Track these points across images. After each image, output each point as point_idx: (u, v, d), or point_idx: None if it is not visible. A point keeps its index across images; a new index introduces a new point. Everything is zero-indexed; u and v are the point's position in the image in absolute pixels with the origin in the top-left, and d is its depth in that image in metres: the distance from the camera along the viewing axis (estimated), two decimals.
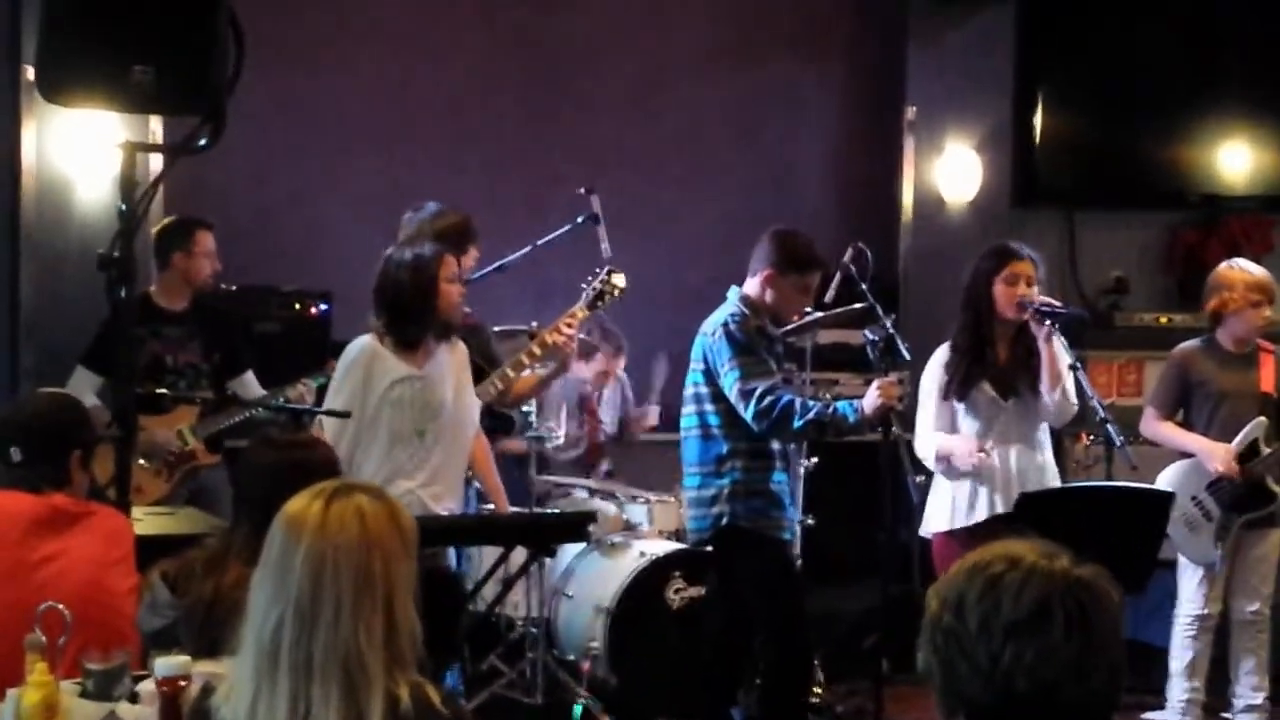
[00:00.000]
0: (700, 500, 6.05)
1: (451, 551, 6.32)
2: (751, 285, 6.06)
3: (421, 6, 8.85)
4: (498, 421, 6.74)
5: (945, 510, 6.19)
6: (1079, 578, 2.32)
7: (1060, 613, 2.28)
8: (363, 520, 2.86)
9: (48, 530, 4.33)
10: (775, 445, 6.00)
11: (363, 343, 5.89)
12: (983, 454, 6.02)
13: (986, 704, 2.31)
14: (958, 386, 6.11)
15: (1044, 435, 6.27)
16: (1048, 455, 6.28)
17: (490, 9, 8.98)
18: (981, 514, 6.08)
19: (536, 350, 6.46)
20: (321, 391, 6.35)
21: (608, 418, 8.20)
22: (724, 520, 5.96)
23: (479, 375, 6.17)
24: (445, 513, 5.86)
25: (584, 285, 6.60)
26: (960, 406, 6.15)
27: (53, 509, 4.36)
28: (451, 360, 5.93)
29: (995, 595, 2.31)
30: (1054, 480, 6.30)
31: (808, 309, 6.40)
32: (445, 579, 5.87)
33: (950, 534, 6.13)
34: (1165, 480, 6.68)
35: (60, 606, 3.83)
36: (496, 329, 7.08)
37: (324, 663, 2.78)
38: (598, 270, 6.64)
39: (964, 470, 6.09)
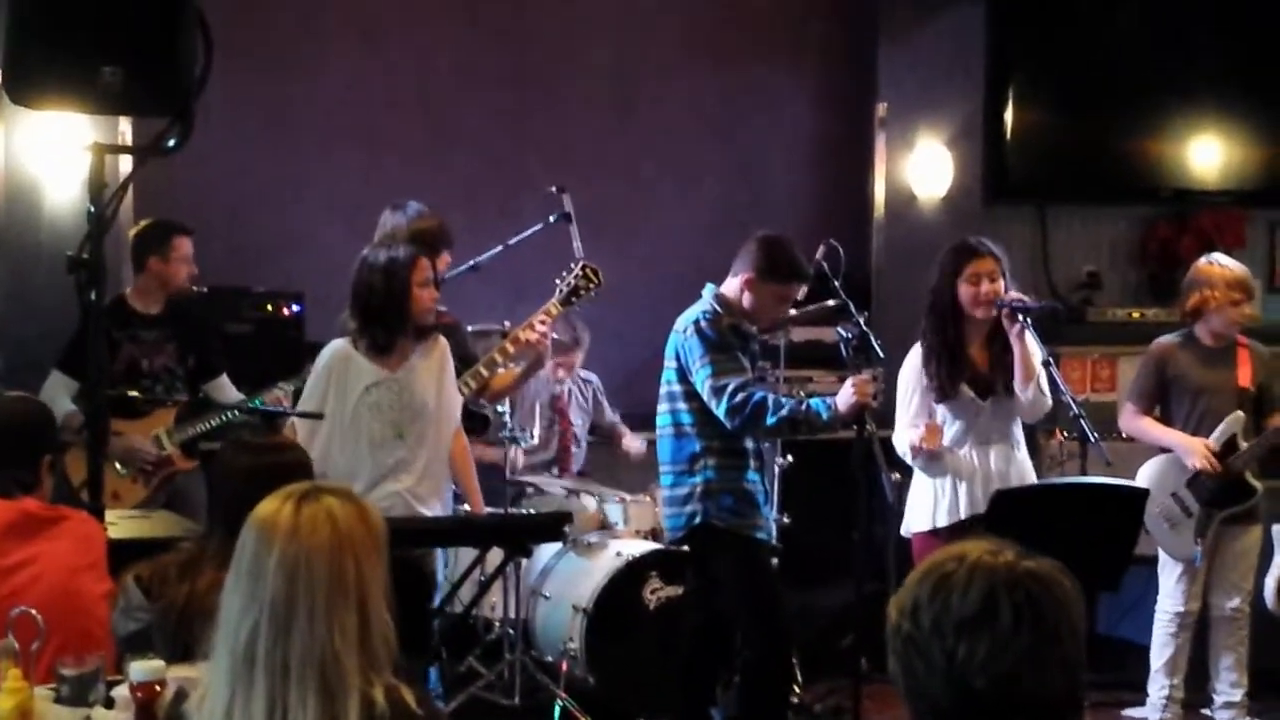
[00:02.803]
0: (674, 499, 6.05)
1: (440, 553, 6.33)
2: (730, 286, 6.05)
3: (395, 5, 8.82)
4: (473, 421, 6.72)
5: (926, 510, 6.18)
6: (1026, 569, 2.32)
7: (1008, 605, 2.27)
8: (334, 522, 2.85)
9: (20, 535, 4.31)
10: (749, 444, 6.00)
11: (335, 347, 5.89)
12: (927, 434, 6.00)
13: (949, 705, 2.30)
14: (939, 389, 6.10)
15: (1019, 433, 6.28)
16: (1024, 453, 6.28)
17: (465, 8, 8.95)
18: (962, 513, 6.07)
19: (510, 348, 6.45)
20: (297, 395, 6.34)
21: (578, 420, 8.17)
22: (698, 519, 5.95)
23: (455, 373, 6.16)
24: (430, 514, 5.86)
25: (558, 281, 6.59)
26: (941, 407, 6.14)
27: (24, 514, 4.34)
28: (431, 359, 5.94)
29: (945, 594, 2.31)
30: (1030, 478, 6.30)
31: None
32: (412, 573, 5.85)
33: (932, 533, 6.12)
34: (1144, 476, 6.69)
35: (33, 612, 3.82)
36: (470, 329, 7.06)
37: (300, 666, 2.77)
38: (572, 266, 6.63)
39: (939, 462, 6.08)
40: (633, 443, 8.08)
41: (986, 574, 2.30)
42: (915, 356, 6.22)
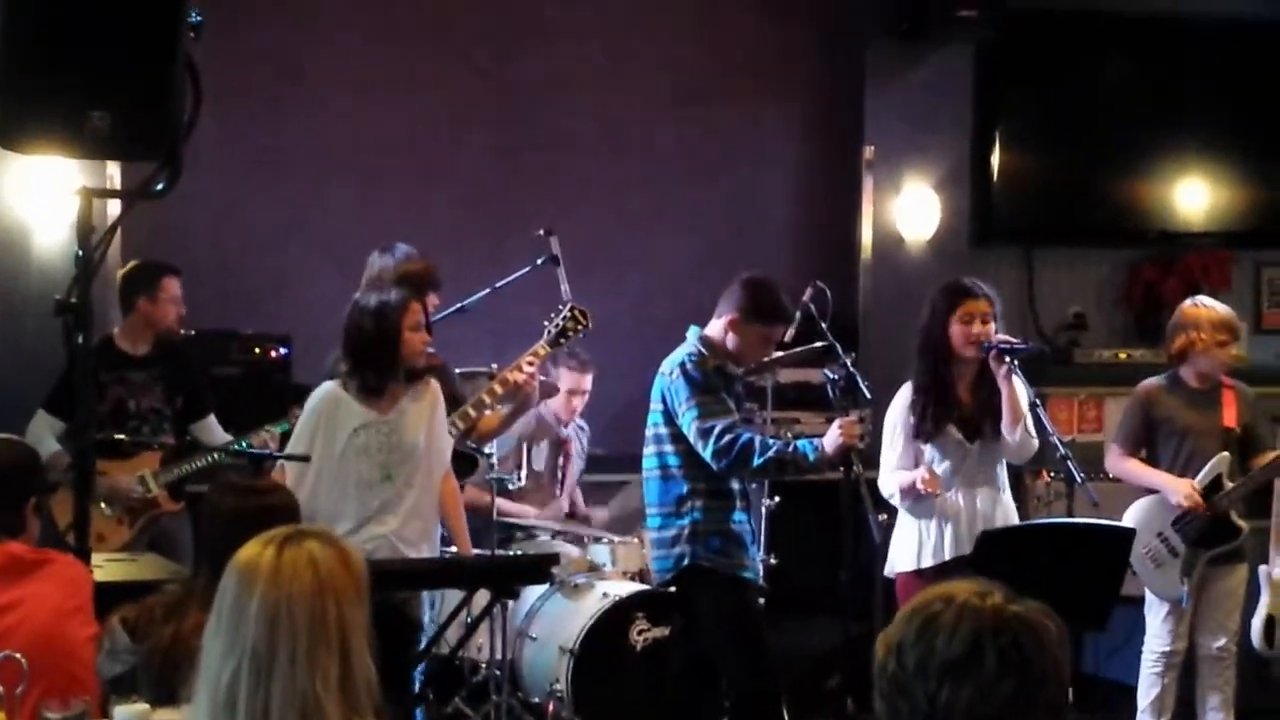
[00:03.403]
0: (662, 541, 6.05)
1: (425, 596, 6.32)
2: (714, 327, 6.06)
3: (384, 48, 8.85)
4: (460, 462, 6.73)
5: (910, 550, 6.17)
6: (1013, 614, 2.31)
7: (993, 650, 2.26)
8: (315, 567, 2.85)
9: (5, 578, 4.30)
10: (735, 485, 6.01)
11: (325, 389, 5.90)
12: (929, 479, 6.01)
13: None
14: (927, 429, 6.11)
15: (1004, 475, 6.29)
16: (1008, 495, 6.29)
17: (455, 51, 8.99)
18: (947, 554, 6.07)
19: (497, 389, 6.46)
20: (285, 437, 6.34)
21: (576, 466, 8.18)
22: (685, 560, 5.95)
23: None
24: (417, 556, 5.87)
25: (546, 323, 6.60)
26: (928, 448, 6.15)
27: (10, 557, 4.33)
28: (423, 401, 5.94)
29: (930, 636, 2.30)
30: (1014, 520, 6.31)
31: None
32: (395, 619, 5.85)
33: (917, 574, 6.12)
34: (1130, 517, 6.69)
35: (18, 656, 3.81)
36: (457, 371, 7.08)
37: (281, 711, 2.77)
38: (560, 308, 6.64)
39: (925, 502, 6.09)
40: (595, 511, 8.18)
41: (973, 617, 2.30)
42: (903, 397, 6.23)
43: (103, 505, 6.66)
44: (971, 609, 2.31)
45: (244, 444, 6.57)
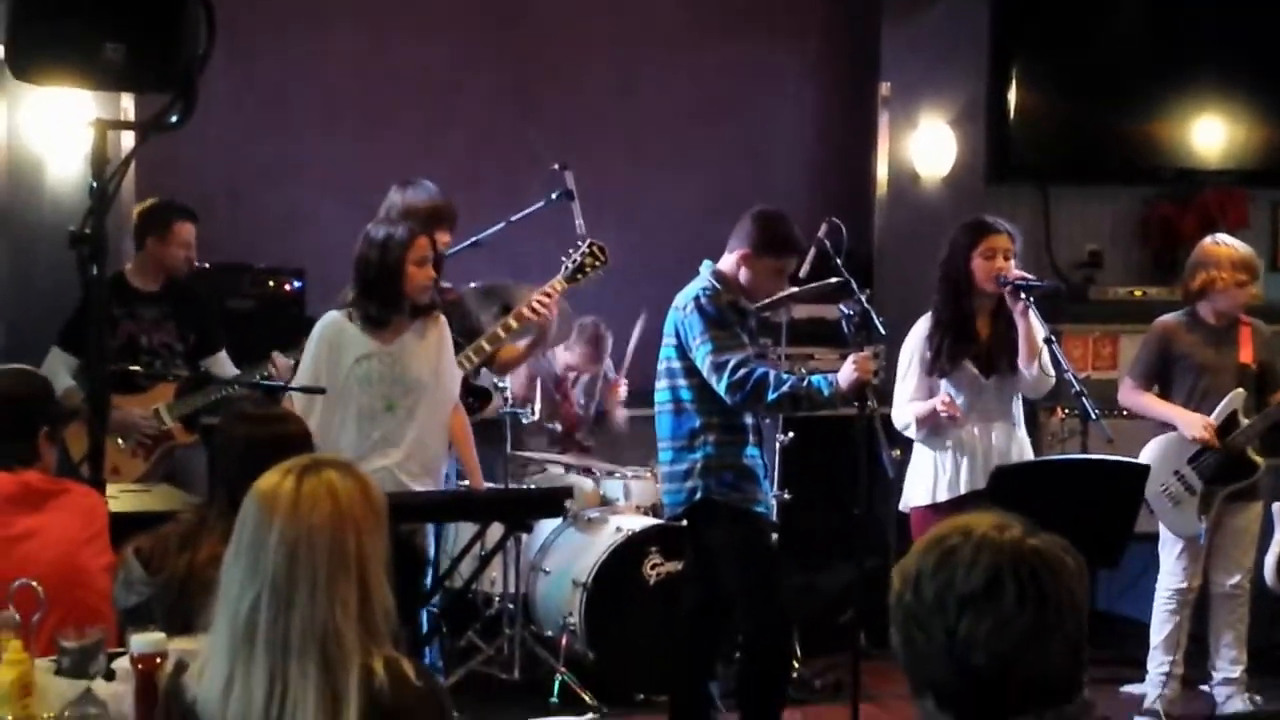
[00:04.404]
0: (674, 475, 6.05)
1: (431, 528, 6.32)
2: (726, 262, 6.05)
3: None
4: (475, 394, 6.73)
5: (926, 484, 6.20)
6: (1032, 547, 2.30)
7: (1012, 583, 2.26)
8: (335, 497, 2.86)
9: (21, 507, 4.32)
10: (748, 419, 6.00)
11: (329, 318, 5.90)
12: (949, 402, 6.02)
13: (948, 679, 2.30)
14: (944, 363, 6.11)
15: (1020, 411, 6.29)
16: (1023, 431, 6.30)
17: None
18: (962, 488, 6.09)
19: (513, 323, 6.44)
20: (295, 367, 6.35)
21: (582, 400, 8.17)
22: (697, 494, 5.95)
23: (457, 349, 6.16)
24: (421, 489, 5.87)
25: (564, 258, 6.58)
26: (944, 382, 6.15)
27: (25, 486, 4.35)
28: (430, 335, 5.92)
29: (949, 569, 2.30)
30: (1029, 455, 6.32)
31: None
32: (403, 551, 5.86)
33: (931, 508, 6.13)
34: (1147, 454, 6.68)
35: (34, 583, 3.83)
36: (474, 285, 7.06)
37: (301, 640, 2.78)
38: (579, 243, 6.62)
39: (940, 436, 6.10)
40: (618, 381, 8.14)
41: (992, 551, 2.29)
42: (920, 329, 6.24)
43: (118, 438, 6.67)
44: (990, 542, 2.31)
45: (259, 375, 6.57)
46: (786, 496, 7.39)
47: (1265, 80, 9.60)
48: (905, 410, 6.20)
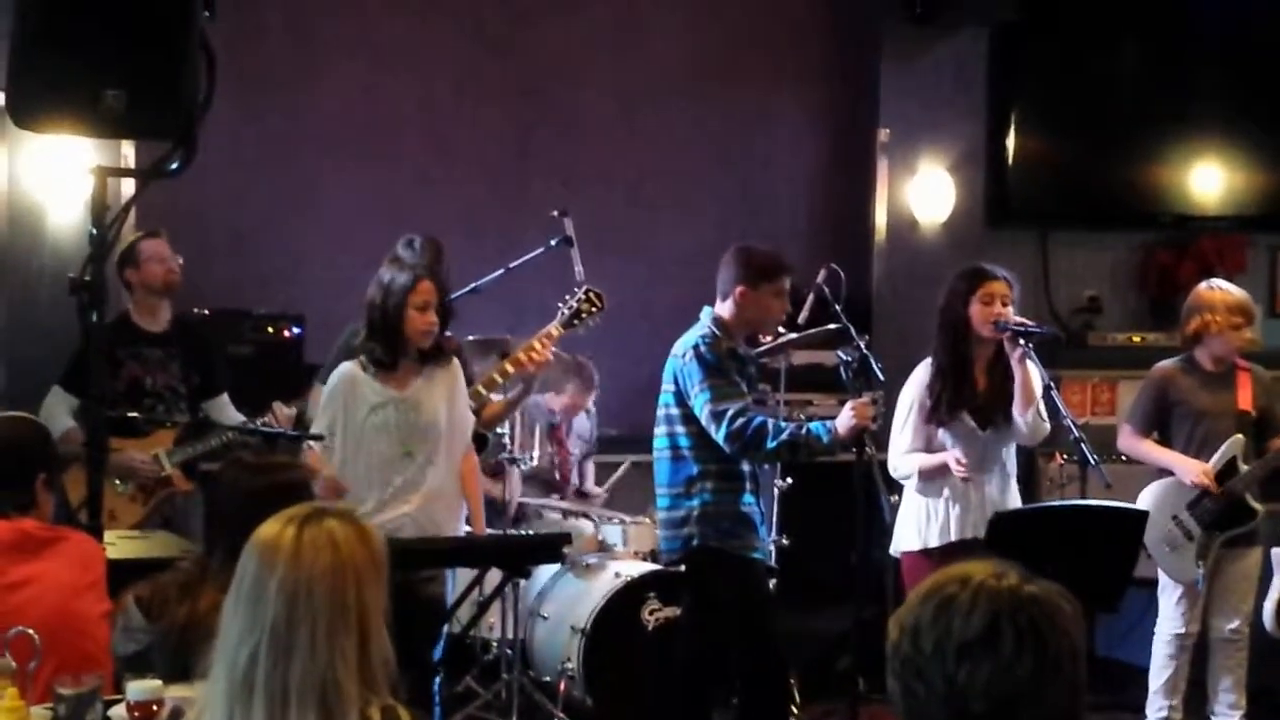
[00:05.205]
0: (671, 521, 6.05)
1: (448, 575, 6.34)
2: (724, 307, 6.06)
3: (399, 27, 8.85)
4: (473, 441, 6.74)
5: (917, 529, 6.20)
6: (1029, 594, 2.30)
7: (1010, 630, 2.25)
8: (335, 547, 2.85)
9: (18, 555, 4.31)
10: (745, 467, 6.00)
11: (342, 370, 5.94)
12: (963, 466, 6.03)
13: None
14: (943, 413, 6.12)
15: (1013, 462, 6.32)
16: (1015, 481, 6.33)
17: (468, 31, 8.98)
18: (953, 535, 6.10)
19: (509, 368, 6.45)
20: (299, 420, 6.36)
21: (576, 449, 8.17)
22: (694, 541, 5.96)
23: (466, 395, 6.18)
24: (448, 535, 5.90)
25: (560, 305, 6.59)
26: (941, 431, 6.16)
27: (22, 534, 4.34)
28: (441, 381, 5.96)
29: (947, 617, 2.29)
30: (1018, 505, 6.33)
31: (782, 330, 6.41)
32: (427, 607, 5.89)
33: (923, 553, 6.14)
34: (1145, 500, 6.68)
35: (30, 631, 3.83)
36: (470, 338, 7.07)
37: (300, 691, 2.77)
38: (575, 290, 6.64)
39: (935, 483, 6.11)
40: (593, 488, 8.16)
41: (990, 598, 2.29)
42: (919, 376, 6.24)
43: (116, 482, 6.65)
44: (988, 589, 2.30)
45: (260, 423, 6.57)
46: (785, 542, 7.38)
47: (1263, 126, 9.63)
48: (908, 461, 6.20)
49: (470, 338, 7.10)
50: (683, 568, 6.17)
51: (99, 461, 4.82)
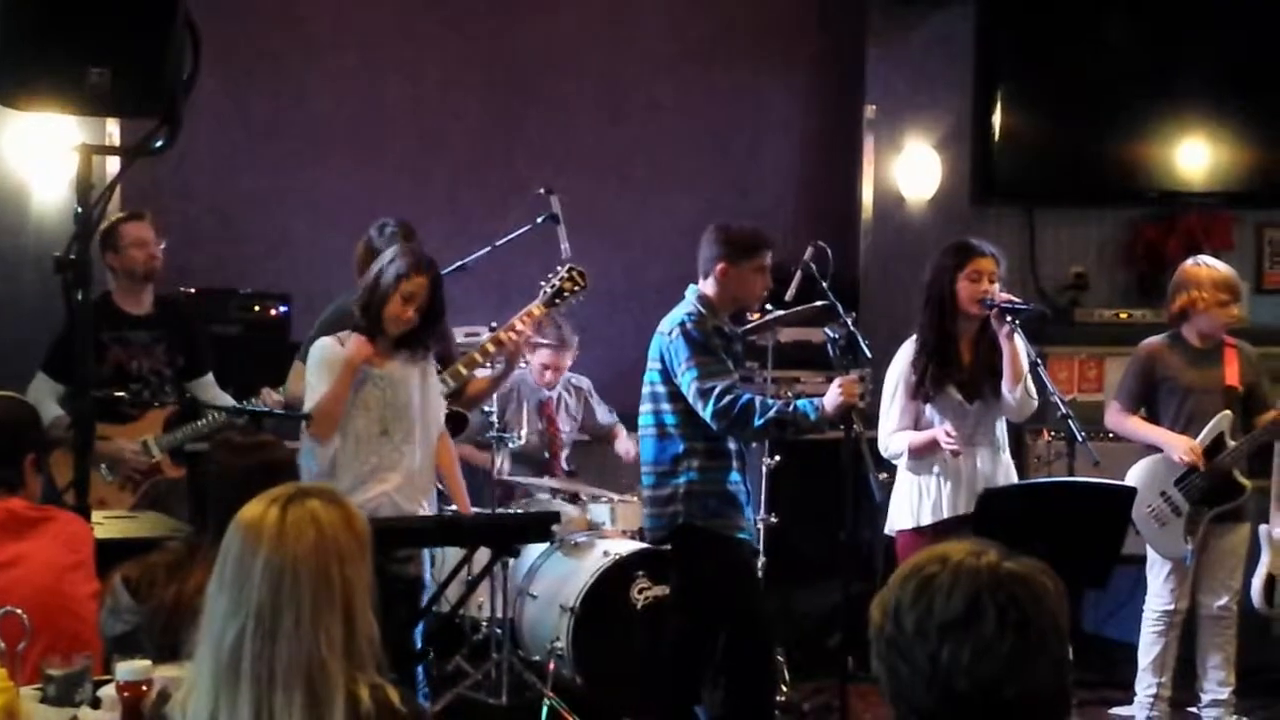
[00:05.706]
0: (656, 500, 6.05)
1: (426, 554, 6.32)
2: (707, 285, 6.07)
3: (385, 10, 8.82)
4: (451, 421, 6.71)
5: (910, 508, 6.20)
6: (1009, 571, 2.31)
7: (992, 608, 2.26)
8: (319, 527, 2.85)
9: (5, 535, 4.30)
10: (731, 445, 6.00)
11: (323, 344, 5.88)
12: (953, 438, 6.02)
13: (933, 707, 2.30)
14: (928, 388, 6.12)
15: (1004, 435, 6.30)
16: (1008, 455, 6.31)
17: (456, 14, 8.94)
18: (945, 512, 6.10)
19: (490, 348, 6.42)
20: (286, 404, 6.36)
21: (566, 427, 8.13)
22: (679, 520, 5.96)
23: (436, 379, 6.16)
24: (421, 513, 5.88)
25: (542, 283, 6.58)
26: (928, 408, 6.16)
27: (9, 514, 4.33)
28: (416, 365, 5.92)
29: (928, 597, 2.30)
30: (1014, 479, 6.33)
31: (769, 307, 6.41)
32: (400, 585, 5.86)
33: (916, 531, 6.14)
34: (1133, 476, 6.69)
35: (19, 612, 3.82)
36: (457, 329, 7.05)
37: (286, 672, 2.77)
38: (558, 268, 6.62)
39: (926, 460, 6.11)
40: (625, 445, 8.03)
41: (970, 577, 2.29)
42: (905, 354, 6.24)
43: (104, 470, 6.61)
44: (968, 568, 2.31)
45: (248, 403, 6.54)
46: (773, 520, 7.37)
47: (1249, 102, 9.61)
48: (897, 439, 6.20)
49: (458, 330, 7.07)
50: (669, 546, 6.16)
51: (85, 440, 4.80)
